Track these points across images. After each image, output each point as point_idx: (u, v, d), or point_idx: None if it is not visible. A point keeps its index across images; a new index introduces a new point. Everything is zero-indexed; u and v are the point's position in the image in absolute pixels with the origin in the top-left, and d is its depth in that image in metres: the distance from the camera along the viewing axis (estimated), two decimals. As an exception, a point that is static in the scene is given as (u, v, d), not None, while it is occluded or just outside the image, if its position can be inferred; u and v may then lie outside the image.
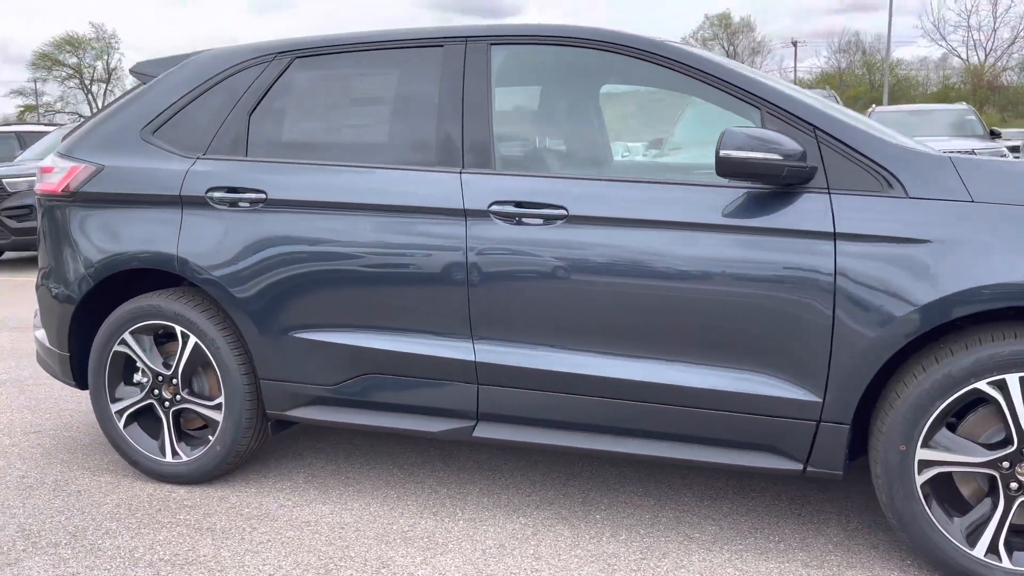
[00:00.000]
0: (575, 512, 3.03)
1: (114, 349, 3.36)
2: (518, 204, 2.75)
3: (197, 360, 3.27)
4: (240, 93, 3.25)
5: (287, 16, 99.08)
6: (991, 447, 2.40)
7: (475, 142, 2.87)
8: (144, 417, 3.43)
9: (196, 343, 3.23)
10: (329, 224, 2.99)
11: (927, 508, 2.45)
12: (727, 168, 2.44)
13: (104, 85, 61.92)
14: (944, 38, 67.15)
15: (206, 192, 3.16)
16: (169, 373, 3.30)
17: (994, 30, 56.00)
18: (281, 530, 2.95)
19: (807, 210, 2.49)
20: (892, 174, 2.46)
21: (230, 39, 13.61)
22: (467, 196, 2.81)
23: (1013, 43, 55.07)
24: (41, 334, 3.70)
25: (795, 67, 59.59)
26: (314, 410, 3.14)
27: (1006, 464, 2.38)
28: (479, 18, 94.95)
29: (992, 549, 2.42)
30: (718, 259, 2.56)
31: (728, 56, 61.75)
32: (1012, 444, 2.36)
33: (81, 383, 3.56)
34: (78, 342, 3.48)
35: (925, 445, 2.43)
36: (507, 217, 2.77)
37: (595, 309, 2.69)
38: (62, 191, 3.42)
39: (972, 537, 2.44)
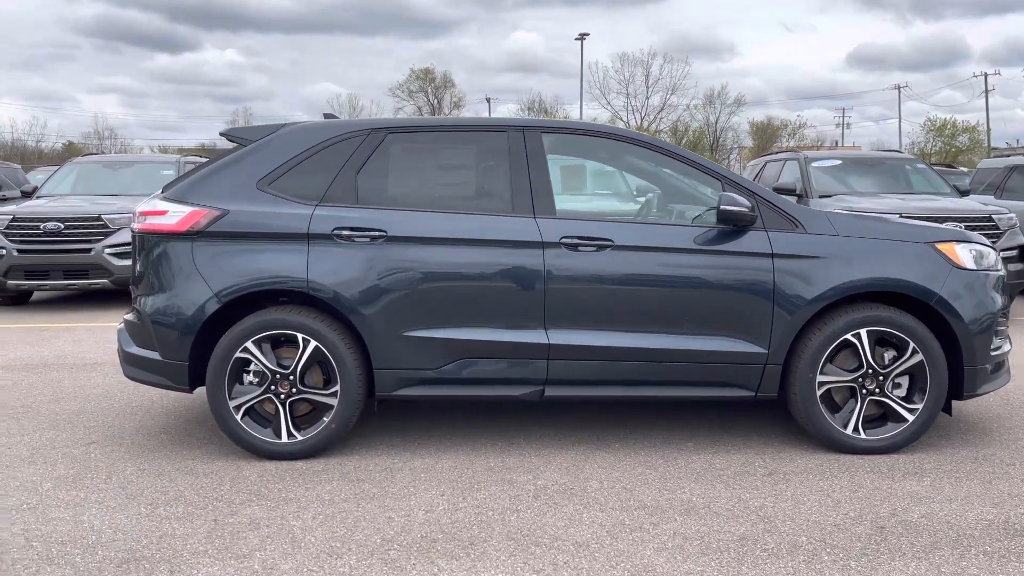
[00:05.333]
0: (637, 442, 4.52)
1: (236, 355, 4.22)
2: (580, 238, 4.23)
3: (314, 359, 4.25)
4: (346, 157, 4.34)
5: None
6: (851, 371, 4.32)
7: (542, 197, 4.29)
8: (251, 411, 4.31)
9: (316, 346, 4.22)
10: (437, 252, 4.22)
11: (822, 409, 4.31)
12: (724, 216, 4.16)
13: None
14: (609, 103, 77.36)
15: (332, 231, 4.21)
16: (287, 371, 4.24)
17: (647, 98, 66.14)
18: (417, 474, 4.08)
19: (756, 240, 4.27)
20: (797, 220, 4.32)
21: None
22: (543, 233, 4.23)
23: (662, 110, 65.42)
24: (141, 351, 4.38)
25: (489, 121, 65.03)
26: (419, 388, 4.29)
27: (860, 379, 4.31)
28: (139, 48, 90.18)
29: (855, 429, 4.33)
30: (707, 269, 4.25)
31: (432, 108, 65.49)
32: (863, 367, 4.30)
33: (192, 387, 4.33)
34: (195, 353, 4.27)
35: (822, 372, 4.29)
36: (571, 246, 4.23)
37: (631, 303, 4.24)
38: (186, 230, 4.23)
39: (845, 424, 4.33)
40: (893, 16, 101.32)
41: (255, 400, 4.25)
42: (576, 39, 47.10)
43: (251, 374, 4.27)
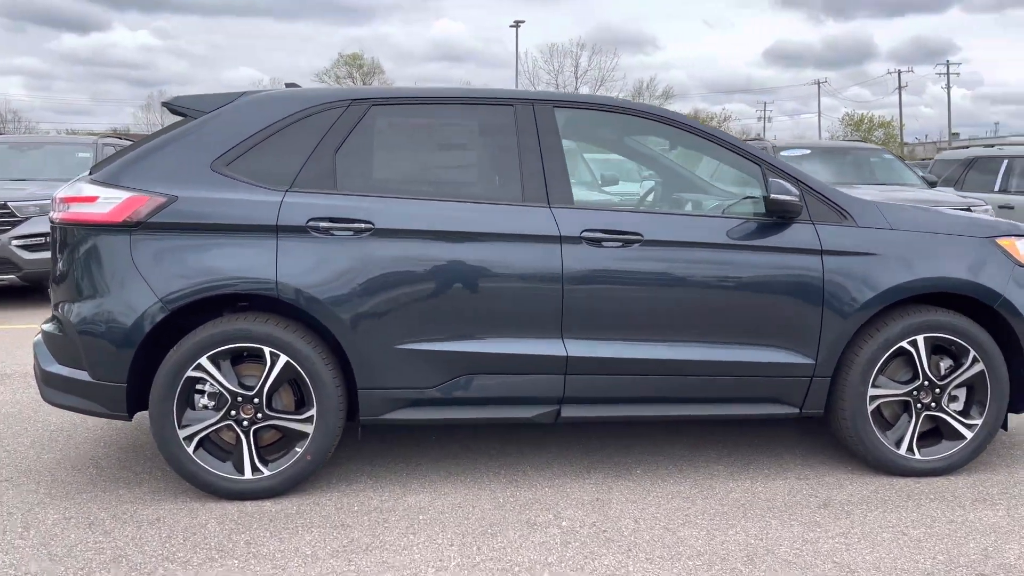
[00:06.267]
0: (660, 467, 3.90)
1: (187, 374, 3.44)
2: (604, 231, 3.59)
3: (283, 378, 3.51)
4: (322, 133, 3.59)
5: None
6: (905, 383, 3.81)
7: (557, 183, 3.63)
8: (206, 441, 3.53)
9: (287, 361, 3.47)
10: (435, 248, 3.51)
11: (874, 427, 3.78)
12: (774, 206, 3.57)
13: None
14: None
15: (307, 222, 3.46)
16: (251, 393, 3.48)
17: (576, 89, 65.94)
18: (413, 515, 3.38)
19: (802, 234, 3.70)
20: (846, 211, 3.77)
21: None
22: (561, 225, 3.57)
23: (591, 101, 65.30)
24: (64, 371, 3.55)
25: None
26: (412, 411, 3.59)
27: (915, 392, 3.80)
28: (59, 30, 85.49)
29: (909, 449, 3.81)
30: (750, 268, 3.66)
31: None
32: (919, 379, 3.79)
33: (131, 413, 3.53)
34: (135, 372, 3.47)
35: (873, 385, 3.75)
36: (594, 242, 3.58)
37: (663, 307, 3.62)
38: (123, 221, 3.42)
39: (897, 443, 3.82)
40: (806, 15, 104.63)
41: (211, 428, 3.48)
42: (511, 26, 46.41)
43: (206, 396, 3.49)
